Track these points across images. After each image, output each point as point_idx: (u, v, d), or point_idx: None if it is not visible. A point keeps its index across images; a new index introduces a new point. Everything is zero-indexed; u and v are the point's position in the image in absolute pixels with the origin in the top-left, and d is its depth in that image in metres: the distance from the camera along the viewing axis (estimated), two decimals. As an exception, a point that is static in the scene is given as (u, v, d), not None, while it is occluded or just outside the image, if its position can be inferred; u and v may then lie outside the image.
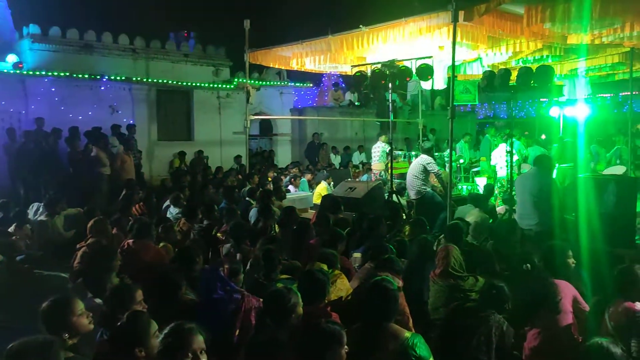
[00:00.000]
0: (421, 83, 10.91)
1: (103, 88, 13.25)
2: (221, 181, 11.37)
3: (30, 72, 12.25)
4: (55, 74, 12.45)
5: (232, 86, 15.46)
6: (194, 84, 14.84)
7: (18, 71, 12.03)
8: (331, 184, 11.27)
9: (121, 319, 2.94)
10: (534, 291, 4.08)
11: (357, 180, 11.61)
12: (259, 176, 11.41)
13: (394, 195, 8.71)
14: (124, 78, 13.46)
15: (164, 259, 5.24)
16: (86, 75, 12.86)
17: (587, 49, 10.08)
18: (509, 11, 7.81)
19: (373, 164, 11.93)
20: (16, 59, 12.11)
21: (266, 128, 18.41)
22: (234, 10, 17.55)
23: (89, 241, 5.66)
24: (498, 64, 11.06)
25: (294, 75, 16.74)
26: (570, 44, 9.61)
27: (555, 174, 9.01)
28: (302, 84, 17.80)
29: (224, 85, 15.40)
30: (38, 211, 7.81)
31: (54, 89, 12.48)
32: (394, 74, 8.42)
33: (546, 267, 4.46)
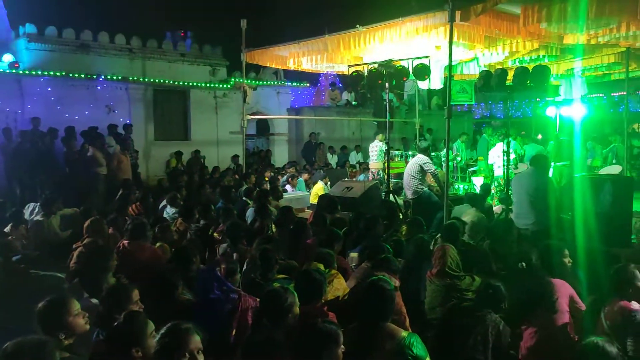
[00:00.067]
0: (418, 83, 10.92)
1: (99, 88, 13.22)
2: (218, 181, 11.34)
3: (27, 72, 12.22)
4: (52, 73, 12.42)
5: (229, 86, 15.45)
6: (191, 84, 14.82)
7: (14, 71, 11.99)
8: (328, 183, 11.27)
9: (118, 319, 2.94)
10: (531, 290, 4.09)
11: (354, 180, 11.63)
12: (256, 176, 11.40)
13: (391, 194, 8.72)
14: (120, 78, 13.44)
15: (160, 259, 5.23)
16: (82, 75, 12.83)
17: (583, 48, 10.11)
18: (506, 11, 7.84)
19: (371, 162, 11.93)
20: (12, 59, 12.06)
21: (263, 128, 18.39)
22: (231, 10, 17.55)
23: (85, 241, 5.64)
24: (495, 64, 11.07)
25: (290, 75, 16.75)
26: (566, 44, 9.64)
27: (551, 173, 9.02)
28: (299, 84, 17.80)
29: (221, 85, 15.38)
30: (34, 211, 7.77)
31: (50, 89, 12.45)
32: (390, 73, 8.42)
33: (542, 267, 4.47)
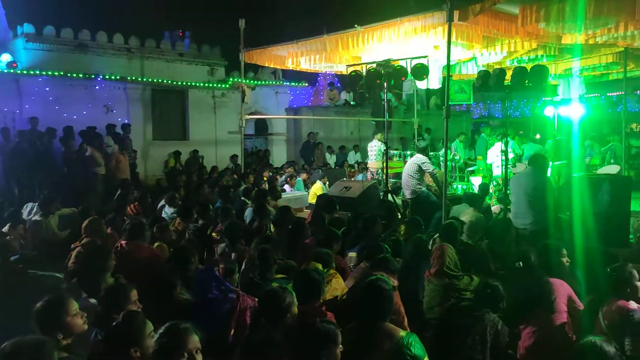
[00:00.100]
0: (416, 82, 10.94)
1: (98, 87, 13.21)
2: (216, 181, 11.34)
3: (25, 72, 12.21)
4: (50, 73, 12.41)
5: (228, 85, 15.44)
6: (189, 84, 14.81)
7: (12, 70, 11.98)
8: (326, 183, 11.26)
9: (116, 319, 2.93)
10: (529, 290, 4.10)
11: (353, 179, 11.64)
12: (254, 176, 11.40)
13: (389, 194, 8.72)
14: (118, 77, 13.43)
15: (158, 258, 5.22)
16: (81, 75, 12.82)
17: (582, 48, 10.12)
18: (504, 11, 7.84)
19: (369, 162, 11.92)
20: (10, 59, 12.05)
21: (261, 127, 18.38)
22: (230, 10, 17.51)
23: (83, 241, 5.64)
24: (493, 64, 11.08)
25: (289, 75, 16.74)
26: (564, 44, 9.65)
27: (550, 172, 9.04)
28: (298, 84, 17.79)
29: (219, 85, 15.37)
30: (32, 211, 7.76)
31: (48, 89, 12.44)
32: (389, 73, 8.43)
33: (541, 266, 4.47)
